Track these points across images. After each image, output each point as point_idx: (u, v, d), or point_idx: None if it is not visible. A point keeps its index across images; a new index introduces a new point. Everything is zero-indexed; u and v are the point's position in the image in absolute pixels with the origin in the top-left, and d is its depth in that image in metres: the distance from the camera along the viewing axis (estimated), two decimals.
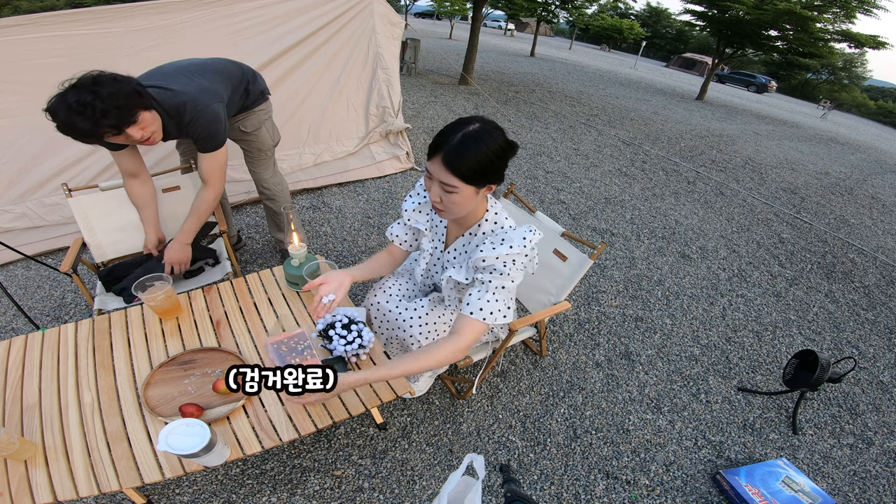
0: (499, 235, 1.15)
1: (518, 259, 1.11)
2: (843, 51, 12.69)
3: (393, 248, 1.47)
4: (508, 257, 1.11)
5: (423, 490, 1.50)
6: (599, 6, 31.51)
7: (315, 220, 3.04)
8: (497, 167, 1.04)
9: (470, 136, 0.99)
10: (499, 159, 1.03)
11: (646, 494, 1.60)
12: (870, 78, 42.08)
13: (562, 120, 6.89)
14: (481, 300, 1.12)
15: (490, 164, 1.01)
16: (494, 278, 1.12)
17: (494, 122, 1.04)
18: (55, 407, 1.12)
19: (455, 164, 0.99)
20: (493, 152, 1.00)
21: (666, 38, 47.07)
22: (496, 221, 1.21)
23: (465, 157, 0.98)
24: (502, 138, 1.03)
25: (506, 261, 1.11)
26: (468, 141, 0.98)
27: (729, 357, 2.34)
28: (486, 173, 1.02)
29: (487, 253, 1.11)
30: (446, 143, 0.99)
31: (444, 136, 1.01)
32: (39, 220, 2.38)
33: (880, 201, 5.71)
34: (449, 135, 1.00)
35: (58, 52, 2.21)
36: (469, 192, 1.04)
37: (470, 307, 1.12)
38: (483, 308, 1.11)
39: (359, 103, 3.45)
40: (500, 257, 1.11)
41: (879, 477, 1.80)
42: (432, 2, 20.54)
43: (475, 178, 1.01)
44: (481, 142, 0.99)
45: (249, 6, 2.72)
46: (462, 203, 1.07)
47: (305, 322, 1.41)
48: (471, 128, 1.00)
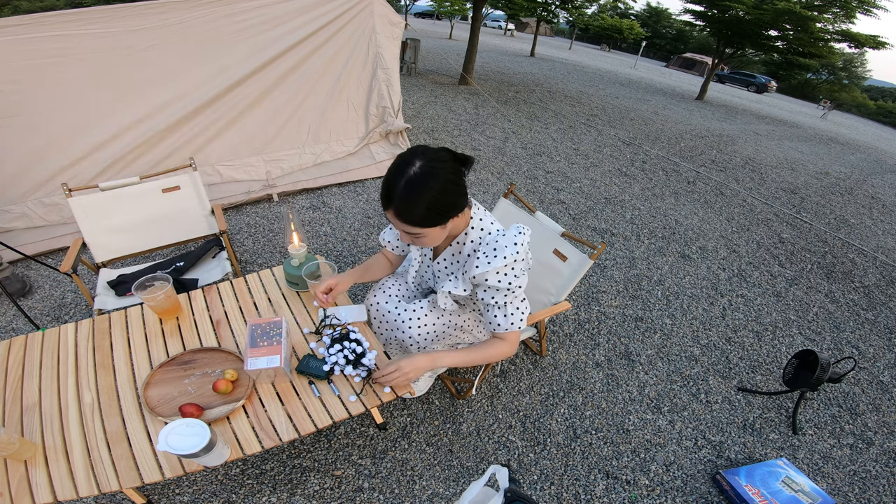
0: (490, 245, 1.13)
1: (517, 266, 1.12)
2: (842, 51, 12.69)
3: (387, 253, 1.50)
4: (507, 268, 1.11)
5: (423, 490, 1.50)
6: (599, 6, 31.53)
7: (315, 220, 3.03)
8: (452, 200, 1.01)
9: (413, 182, 0.95)
10: (450, 194, 1.00)
11: (646, 494, 1.60)
12: (870, 78, 42.05)
13: (562, 120, 6.89)
14: (508, 317, 1.19)
15: (442, 204, 0.99)
16: (507, 296, 1.15)
17: (437, 152, 0.99)
18: (55, 407, 1.12)
19: (407, 215, 0.98)
20: (440, 191, 0.97)
21: (666, 38, 47.03)
22: (482, 228, 1.19)
23: (416, 207, 0.96)
24: (448, 170, 0.98)
25: (506, 272, 1.11)
26: (413, 188, 0.95)
27: (729, 357, 2.34)
28: (442, 211, 1.00)
29: (483, 269, 1.11)
30: (394, 195, 0.96)
31: (389, 187, 0.97)
32: (39, 220, 2.38)
33: (880, 201, 5.71)
34: (393, 185, 0.96)
35: (58, 52, 2.22)
36: (435, 231, 1.04)
37: (502, 327, 1.20)
38: (513, 322, 1.19)
39: (359, 103, 3.45)
40: (500, 270, 1.11)
41: (879, 477, 1.80)
42: (432, 2, 20.52)
43: (432, 220, 1.00)
44: (425, 186, 0.95)
45: (249, 6, 2.73)
46: (433, 240, 1.07)
47: (305, 322, 1.41)
48: (412, 171, 0.95)
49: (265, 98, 2.95)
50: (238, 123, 2.90)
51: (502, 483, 0.65)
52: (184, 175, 1.98)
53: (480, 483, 0.65)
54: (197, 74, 2.66)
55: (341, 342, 1.25)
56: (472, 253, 1.19)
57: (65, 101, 2.32)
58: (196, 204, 2.04)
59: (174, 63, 2.57)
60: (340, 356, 1.22)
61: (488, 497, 0.64)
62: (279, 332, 1.18)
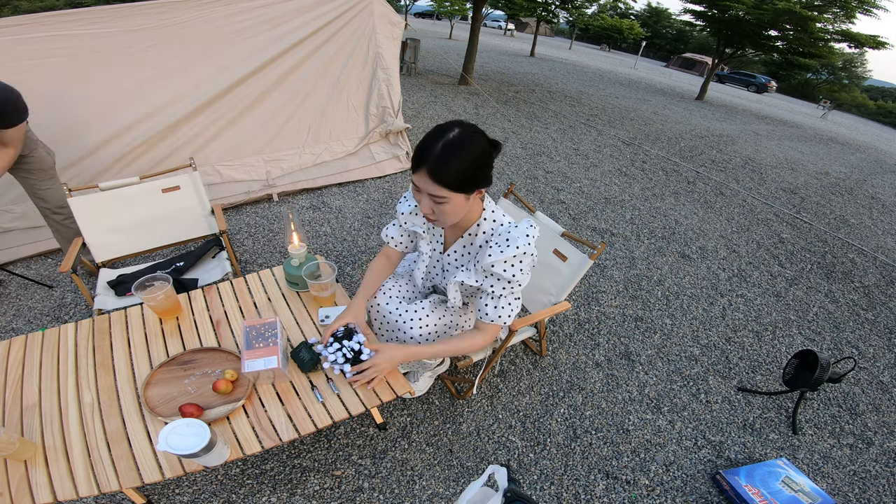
0: (502, 235, 1.16)
1: (525, 260, 1.14)
2: (842, 51, 12.70)
3: (388, 251, 1.47)
4: (516, 259, 1.13)
5: (423, 490, 1.50)
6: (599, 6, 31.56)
7: (315, 220, 3.03)
8: (483, 171, 1.04)
9: (451, 145, 0.98)
10: (483, 164, 1.03)
11: (646, 494, 1.60)
12: (870, 78, 42.06)
13: (562, 120, 6.89)
14: (497, 308, 1.21)
15: (475, 170, 1.01)
16: (505, 288, 1.17)
17: (474, 126, 1.03)
18: (55, 407, 1.12)
19: (440, 174, 0.98)
20: (476, 157, 1.00)
21: (666, 38, 47.05)
22: (495, 220, 1.22)
23: (450, 167, 0.98)
24: (484, 141, 1.02)
25: (514, 263, 1.13)
26: (450, 149, 0.97)
27: (729, 357, 2.34)
28: (473, 179, 1.02)
29: (496, 256, 1.13)
30: (429, 155, 0.98)
31: (425, 147, 0.99)
32: (39, 221, 2.38)
33: (880, 201, 5.71)
34: (430, 145, 0.99)
35: (57, 52, 2.22)
36: (459, 200, 1.05)
37: (489, 316, 1.22)
38: (500, 315, 1.21)
39: (359, 103, 3.45)
40: (509, 260, 1.13)
41: (879, 477, 1.80)
42: (432, 2, 20.53)
43: (463, 186, 1.01)
44: (463, 148, 0.98)
45: (249, 6, 2.73)
46: (454, 211, 1.07)
47: (305, 322, 1.41)
48: (451, 135, 0.98)
49: (265, 98, 2.95)
50: (238, 123, 2.90)
51: (501, 483, 0.65)
52: (184, 175, 1.98)
53: (479, 483, 0.65)
54: (197, 74, 2.66)
55: (341, 341, 1.24)
56: (483, 244, 1.22)
57: (64, 101, 2.32)
58: (196, 204, 2.04)
59: (174, 63, 2.57)
60: (339, 354, 1.21)
61: (487, 497, 0.64)
62: (274, 332, 1.18)
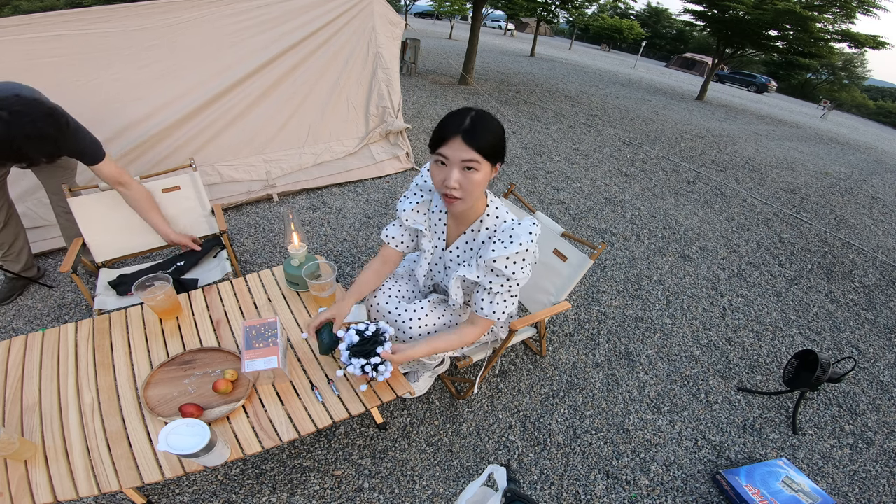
0: (506, 232, 1.17)
1: (528, 258, 1.15)
2: (842, 51, 12.69)
3: (387, 252, 1.44)
4: (518, 256, 1.14)
5: (423, 490, 1.50)
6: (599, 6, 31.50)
7: (315, 220, 3.03)
8: (503, 144, 1.12)
9: (478, 117, 1.06)
10: (503, 138, 1.12)
11: (646, 494, 1.60)
12: (870, 78, 42.06)
13: (562, 120, 6.89)
14: (493, 304, 1.22)
15: (501, 140, 1.10)
16: (503, 285, 1.17)
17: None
18: (55, 407, 1.12)
19: (475, 138, 1.04)
20: (499, 128, 1.10)
21: (666, 38, 47.04)
22: (498, 216, 1.23)
23: (483, 134, 1.05)
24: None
25: (516, 260, 1.14)
26: (479, 120, 1.06)
27: (729, 357, 2.34)
28: (499, 149, 1.10)
29: (499, 252, 1.14)
30: (459, 125, 1.05)
31: (451, 122, 1.06)
32: (39, 220, 2.38)
33: (880, 201, 5.71)
34: (457, 119, 1.06)
35: (58, 52, 2.21)
36: (487, 170, 1.09)
37: (484, 311, 1.23)
38: (495, 311, 1.22)
39: (359, 103, 3.45)
40: (511, 257, 1.14)
41: (879, 477, 1.80)
42: (432, 2, 20.54)
43: (492, 154, 1.08)
44: (489, 120, 1.07)
45: (249, 6, 2.72)
46: (481, 182, 1.11)
47: (305, 322, 1.41)
48: (473, 112, 1.07)
49: (265, 98, 2.95)
50: (238, 123, 2.90)
51: (501, 483, 0.65)
52: (184, 175, 1.98)
53: (478, 483, 0.65)
54: (197, 74, 2.66)
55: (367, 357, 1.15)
56: (486, 240, 1.23)
57: (64, 101, 2.31)
58: (196, 204, 2.04)
59: (174, 63, 2.57)
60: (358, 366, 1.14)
61: (486, 497, 0.64)
62: (274, 332, 1.18)
